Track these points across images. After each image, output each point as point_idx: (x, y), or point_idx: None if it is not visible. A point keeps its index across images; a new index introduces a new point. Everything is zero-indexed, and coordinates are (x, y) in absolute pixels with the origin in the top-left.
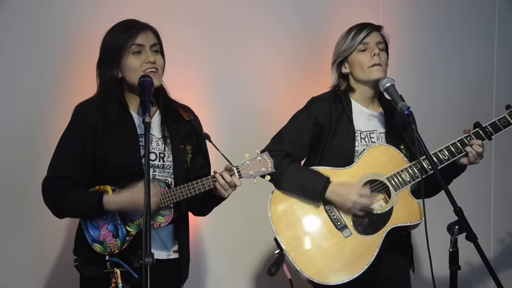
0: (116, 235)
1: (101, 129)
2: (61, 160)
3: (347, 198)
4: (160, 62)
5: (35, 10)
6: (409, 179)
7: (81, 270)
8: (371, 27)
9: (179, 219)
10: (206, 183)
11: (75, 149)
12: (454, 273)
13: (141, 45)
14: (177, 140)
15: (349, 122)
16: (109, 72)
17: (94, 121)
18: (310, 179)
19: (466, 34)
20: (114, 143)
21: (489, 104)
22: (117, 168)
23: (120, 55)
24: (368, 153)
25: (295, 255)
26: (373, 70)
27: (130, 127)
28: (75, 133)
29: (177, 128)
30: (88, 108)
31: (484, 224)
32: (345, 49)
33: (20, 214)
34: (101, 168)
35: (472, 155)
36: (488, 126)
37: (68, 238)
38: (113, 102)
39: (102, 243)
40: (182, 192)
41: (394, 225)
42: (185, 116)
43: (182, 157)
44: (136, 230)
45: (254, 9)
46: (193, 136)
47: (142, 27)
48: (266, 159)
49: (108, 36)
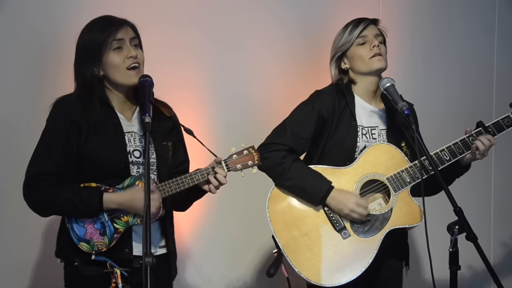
0: (104, 233)
1: (85, 127)
2: (45, 155)
3: (345, 205)
4: (141, 56)
5: (34, 9)
6: (409, 180)
7: (81, 270)
8: (368, 20)
9: (166, 215)
10: (195, 177)
11: (58, 143)
12: (454, 273)
13: (121, 39)
14: (159, 137)
15: (351, 117)
16: (89, 71)
17: (78, 117)
18: (313, 182)
19: (466, 34)
20: (100, 142)
21: (489, 103)
22: (103, 166)
23: (100, 53)
24: (369, 152)
25: (293, 256)
26: (374, 61)
27: (115, 124)
28: (58, 127)
29: (159, 125)
30: (70, 104)
31: (484, 224)
32: (343, 44)
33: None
34: (86, 166)
35: (481, 147)
36: (491, 126)
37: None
38: (96, 100)
39: (88, 242)
40: (171, 186)
41: (393, 226)
42: (166, 112)
43: (165, 154)
44: (124, 227)
45: (254, 9)
46: (173, 132)
47: (121, 23)
48: (252, 152)
49: (85, 34)
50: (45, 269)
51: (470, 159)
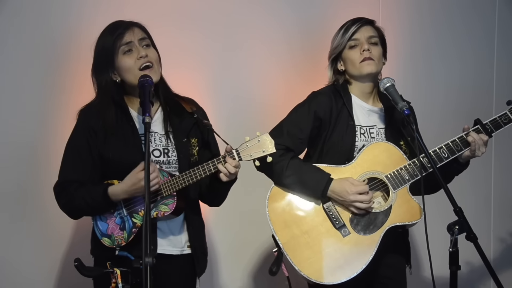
0: (123, 227)
1: (103, 132)
2: (69, 165)
3: (346, 194)
4: (153, 55)
5: (35, 9)
6: (408, 177)
7: (81, 271)
8: (361, 22)
9: (188, 209)
10: (206, 168)
11: (80, 153)
12: (454, 273)
13: (130, 42)
14: (179, 135)
15: (349, 117)
16: (104, 77)
17: (95, 123)
18: (312, 176)
19: (466, 34)
20: (116, 144)
21: (488, 103)
22: (121, 167)
23: (113, 58)
24: (367, 150)
25: (293, 254)
26: (363, 65)
27: (131, 126)
28: (79, 138)
29: (180, 122)
30: (89, 112)
31: (484, 224)
32: (336, 46)
33: (25, 217)
34: (106, 168)
35: (474, 144)
36: (489, 123)
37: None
38: (111, 107)
39: (110, 237)
40: (184, 179)
41: (392, 224)
42: (188, 108)
43: (186, 151)
44: (142, 221)
45: (254, 10)
46: (197, 128)
47: (127, 25)
48: (266, 139)
49: (98, 42)
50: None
51: (469, 157)
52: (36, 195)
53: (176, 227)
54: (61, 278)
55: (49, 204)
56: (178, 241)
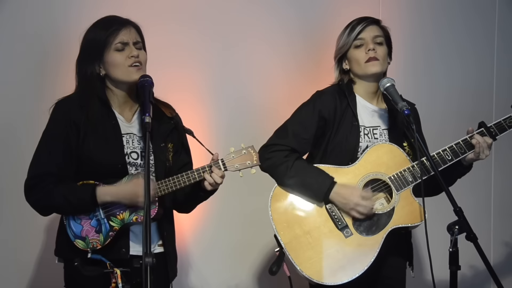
0: (99, 230)
1: (84, 127)
2: (46, 156)
3: (349, 199)
4: (143, 57)
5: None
6: (411, 179)
7: (81, 270)
8: (367, 21)
9: (163, 215)
10: (191, 176)
11: (58, 144)
12: (454, 273)
13: (126, 43)
14: (158, 139)
15: (353, 117)
16: (90, 69)
17: (76, 118)
18: (315, 178)
19: (466, 34)
20: (98, 142)
21: (489, 104)
22: (101, 166)
23: (102, 52)
24: (371, 151)
25: (295, 254)
26: (368, 65)
27: (113, 125)
28: (58, 129)
29: (158, 126)
30: (69, 104)
31: (484, 224)
32: (342, 46)
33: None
34: (84, 166)
35: (479, 147)
36: (493, 126)
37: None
38: (95, 99)
39: (84, 239)
40: (167, 185)
41: (395, 225)
42: (167, 113)
43: (163, 155)
44: (120, 225)
45: (254, 9)
46: (174, 133)
47: (124, 23)
48: (251, 152)
49: (88, 33)
50: (45, 269)
51: (472, 159)
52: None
53: None
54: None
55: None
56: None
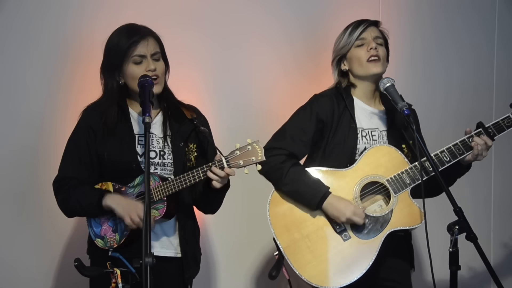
0: (115, 230)
1: (101, 131)
2: (68, 162)
3: (342, 213)
4: (161, 68)
5: (34, 10)
6: (409, 181)
7: (81, 271)
8: (368, 22)
9: (181, 213)
10: (196, 175)
11: (79, 151)
12: (454, 273)
13: (143, 55)
14: (177, 139)
15: (351, 119)
16: (111, 80)
17: (94, 123)
18: (310, 188)
19: (466, 34)
20: (113, 144)
21: (489, 103)
22: (117, 166)
23: (122, 62)
24: (369, 154)
25: (293, 258)
26: (370, 66)
27: (128, 127)
28: (79, 136)
29: (179, 127)
30: (92, 111)
31: (484, 224)
32: (343, 46)
33: (25, 214)
34: (103, 167)
35: (477, 148)
36: (491, 126)
37: (76, 239)
38: (114, 107)
39: (103, 238)
40: (174, 184)
41: (393, 228)
42: (188, 114)
43: (182, 155)
44: None
45: (254, 10)
46: (196, 135)
47: (144, 34)
48: (256, 147)
49: (112, 39)
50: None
51: (470, 160)
52: (35, 195)
53: (169, 230)
54: (59, 278)
55: (48, 204)
56: (170, 244)
